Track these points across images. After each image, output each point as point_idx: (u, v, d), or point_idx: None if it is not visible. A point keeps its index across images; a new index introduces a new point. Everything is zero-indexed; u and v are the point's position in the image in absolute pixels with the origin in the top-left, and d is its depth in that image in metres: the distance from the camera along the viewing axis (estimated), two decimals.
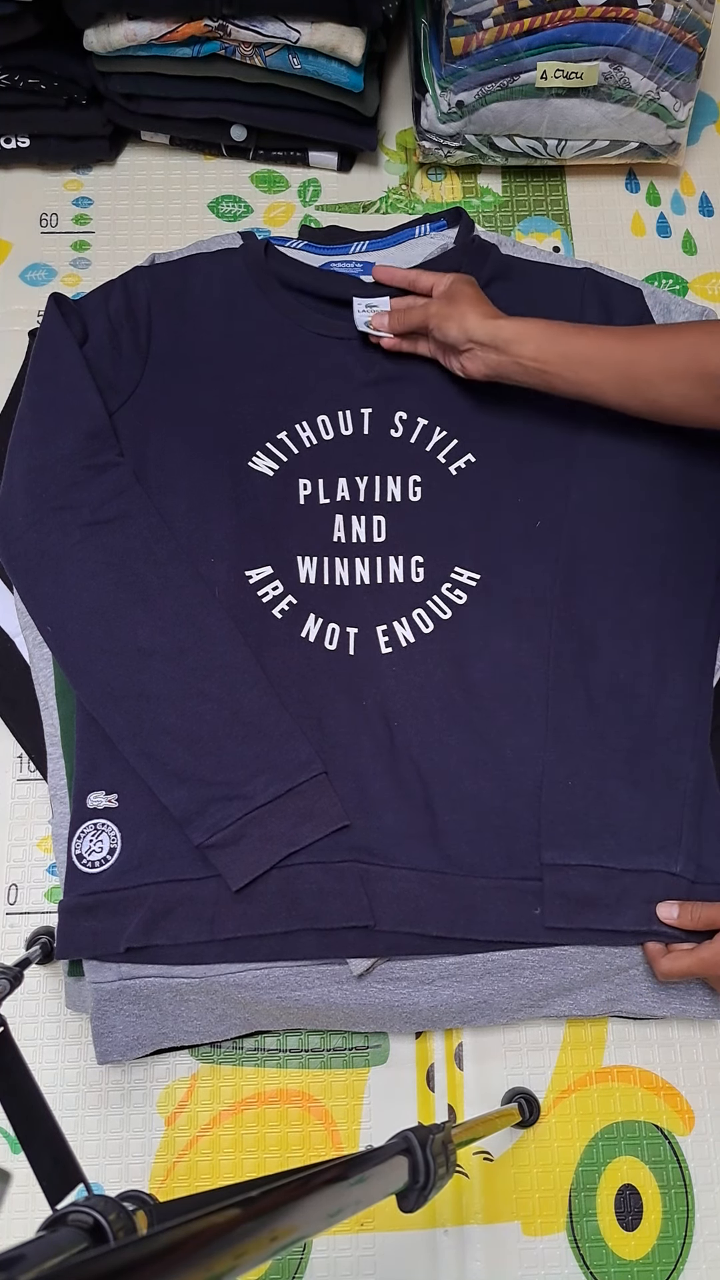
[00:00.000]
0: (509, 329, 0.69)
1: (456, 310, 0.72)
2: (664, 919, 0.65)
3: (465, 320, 0.71)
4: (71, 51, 0.86)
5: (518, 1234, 0.69)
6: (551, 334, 0.69)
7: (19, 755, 0.78)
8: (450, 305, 0.73)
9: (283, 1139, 0.70)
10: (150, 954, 0.66)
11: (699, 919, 0.64)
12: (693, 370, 0.65)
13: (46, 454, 0.72)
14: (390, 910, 0.66)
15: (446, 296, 0.74)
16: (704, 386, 0.65)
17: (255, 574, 0.74)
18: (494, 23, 0.82)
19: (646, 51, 0.83)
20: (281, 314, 0.81)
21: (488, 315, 0.71)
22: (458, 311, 0.72)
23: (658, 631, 0.72)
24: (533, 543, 0.75)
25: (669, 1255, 0.69)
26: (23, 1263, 0.28)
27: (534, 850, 0.67)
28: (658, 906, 0.65)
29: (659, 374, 0.67)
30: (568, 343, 0.69)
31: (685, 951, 0.64)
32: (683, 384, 0.66)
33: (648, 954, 0.66)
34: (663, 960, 0.65)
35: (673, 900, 0.66)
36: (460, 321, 0.71)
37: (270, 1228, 0.32)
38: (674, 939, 0.66)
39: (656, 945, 0.66)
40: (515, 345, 0.69)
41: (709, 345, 0.65)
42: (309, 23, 0.81)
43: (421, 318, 0.75)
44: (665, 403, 0.68)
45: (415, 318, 0.75)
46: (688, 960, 0.64)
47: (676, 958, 0.64)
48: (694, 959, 0.64)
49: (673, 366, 0.66)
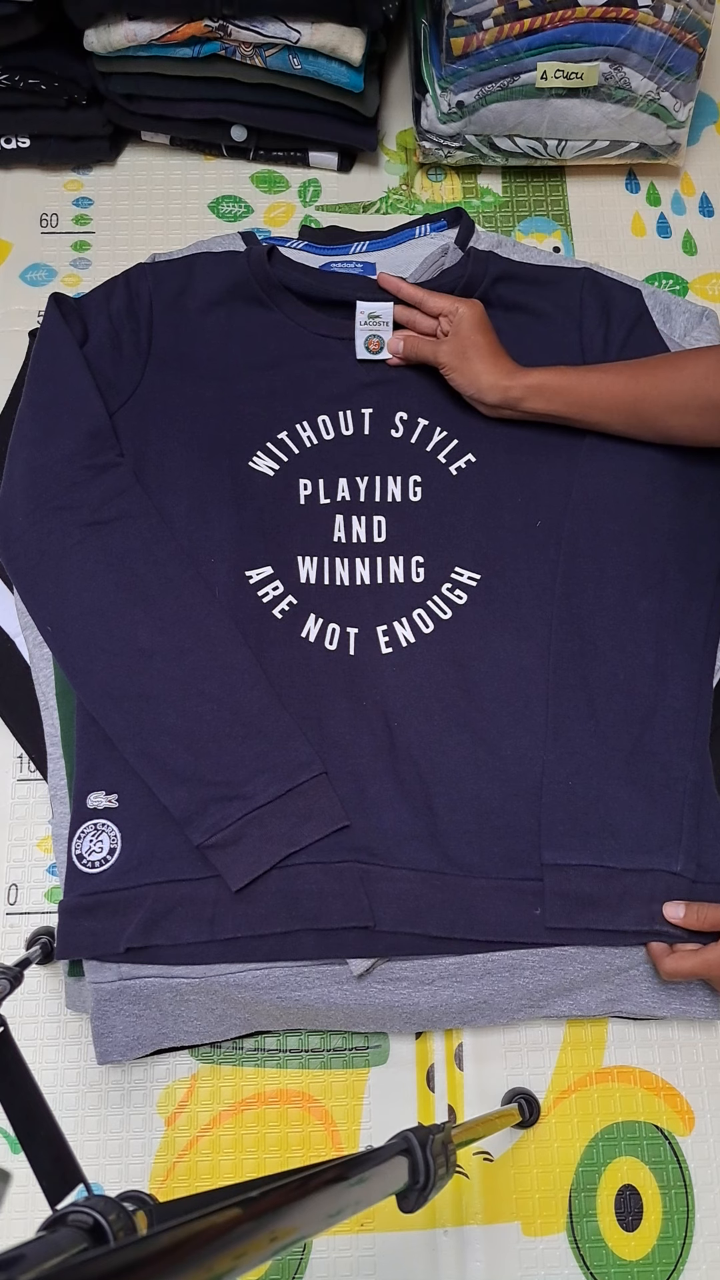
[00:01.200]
0: (518, 389, 0.73)
1: (468, 367, 0.74)
2: (670, 918, 0.65)
3: (478, 381, 0.73)
4: (72, 52, 0.86)
5: (518, 1234, 0.69)
6: (558, 385, 0.73)
7: (19, 755, 0.78)
8: (462, 359, 0.74)
9: (283, 1139, 0.70)
10: (150, 954, 0.66)
11: (705, 920, 0.65)
12: (696, 403, 0.69)
13: (47, 454, 0.72)
14: (390, 910, 0.66)
15: (457, 343, 0.74)
16: (709, 415, 0.69)
17: (255, 574, 0.74)
18: (494, 23, 0.82)
19: (647, 52, 0.83)
20: (283, 314, 0.81)
21: (499, 373, 0.73)
22: (470, 369, 0.74)
23: (658, 631, 0.72)
24: (533, 543, 0.75)
25: (669, 1256, 0.69)
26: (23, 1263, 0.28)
27: (534, 850, 0.67)
28: (664, 906, 0.65)
29: (665, 409, 0.70)
30: (575, 391, 0.72)
31: (690, 952, 0.65)
32: (689, 415, 0.70)
33: (651, 953, 0.66)
34: (667, 960, 0.65)
35: (678, 900, 0.66)
36: (473, 380, 0.74)
37: (270, 1228, 0.32)
38: (676, 939, 0.66)
39: (661, 945, 0.66)
40: (525, 403, 0.74)
41: (707, 376, 0.68)
42: (309, 23, 0.81)
43: (431, 356, 0.76)
44: (676, 433, 0.72)
45: (425, 353, 0.77)
46: (692, 961, 0.64)
47: (681, 958, 0.64)
48: (698, 960, 0.64)
49: (676, 401, 0.70)
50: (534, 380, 0.73)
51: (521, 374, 0.73)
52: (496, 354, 0.74)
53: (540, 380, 0.73)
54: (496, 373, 0.73)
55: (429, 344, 0.77)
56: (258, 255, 0.81)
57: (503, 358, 0.75)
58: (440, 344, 0.76)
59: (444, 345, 0.75)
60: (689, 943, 0.66)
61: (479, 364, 0.74)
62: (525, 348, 0.81)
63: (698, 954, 0.64)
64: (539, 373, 0.73)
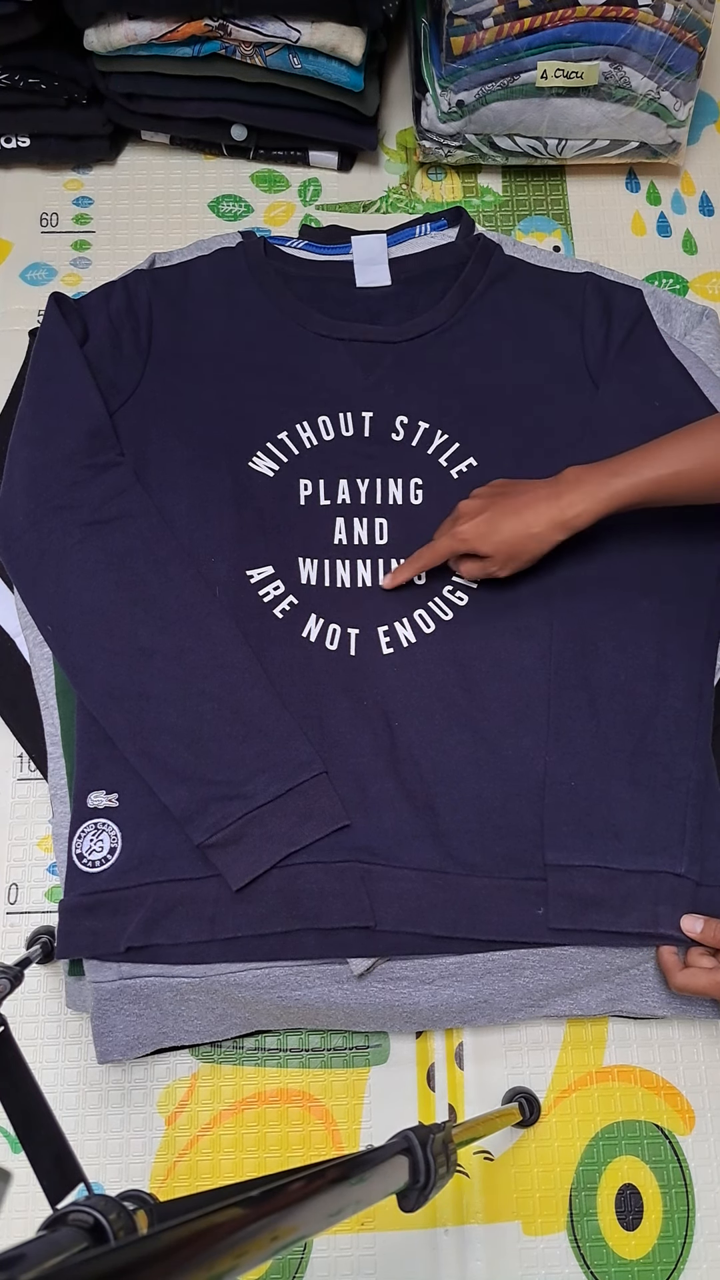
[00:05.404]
0: (583, 516, 0.64)
1: (507, 527, 0.66)
2: (687, 932, 0.65)
3: (531, 530, 0.65)
4: (72, 51, 0.86)
5: (518, 1234, 0.69)
6: (597, 497, 0.64)
7: (19, 755, 0.78)
8: (494, 527, 0.66)
9: (283, 1138, 0.70)
10: (150, 953, 0.66)
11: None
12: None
13: (47, 453, 0.72)
14: (391, 910, 0.66)
15: (484, 522, 0.66)
16: None
17: (256, 574, 0.74)
18: (494, 22, 0.82)
19: (647, 51, 0.83)
20: (283, 315, 0.81)
21: (550, 508, 0.65)
22: (511, 527, 0.65)
23: (659, 632, 0.72)
24: None
25: (669, 1255, 0.69)
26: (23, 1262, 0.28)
27: (536, 850, 0.67)
28: (682, 919, 0.65)
29: (707, 489, 0.64)
30: (616, 499, 0.64)
31: (704, 970, 0.64)
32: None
33: (663, 965, 0.66)
34: (679, 975, 0.64)
35: (696, 914, 0.65)
36: (525, 531, 0.65)
37: (271, 1227, 0.32)
38: (681, 943, 0.66)
39: (672, 957, 0.66)
40: (577, 523, 0.65)
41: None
42: (309, 22, 0.81)
43: (452, 549, 0.69)
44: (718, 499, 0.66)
45: (446, 550, 0.69)
46: (704, 980, 0.63)
47: (694, 975, 0.64)
48: (710, 980, 0.63)
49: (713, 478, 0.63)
50: (600, 500, 0.63)
51: (572, 500, 0.64)
52: (525, 494, 0.66)
53: (604, 494, 0.64)
54: (547, 509, 0.64)
55: (444, 540, 0.69)
56: (254, 245, 0.81)
57: (533, 492, 0.65)
58: (456, 531, 0.67)
59: (464, 529, 0.67)
60: (695, 948, 0.65)
61: (520, 517, 0.65)
62: (526, 348, 0.81)
63: (710, 973, 0.64)
64: (594, 484, 0.63)
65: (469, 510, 0.68)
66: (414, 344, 0.81)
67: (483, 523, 0.66)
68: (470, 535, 0.67)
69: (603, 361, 0.80)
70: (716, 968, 0.64)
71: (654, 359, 0.80)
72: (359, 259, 0.84)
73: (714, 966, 0.64)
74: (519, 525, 0.65)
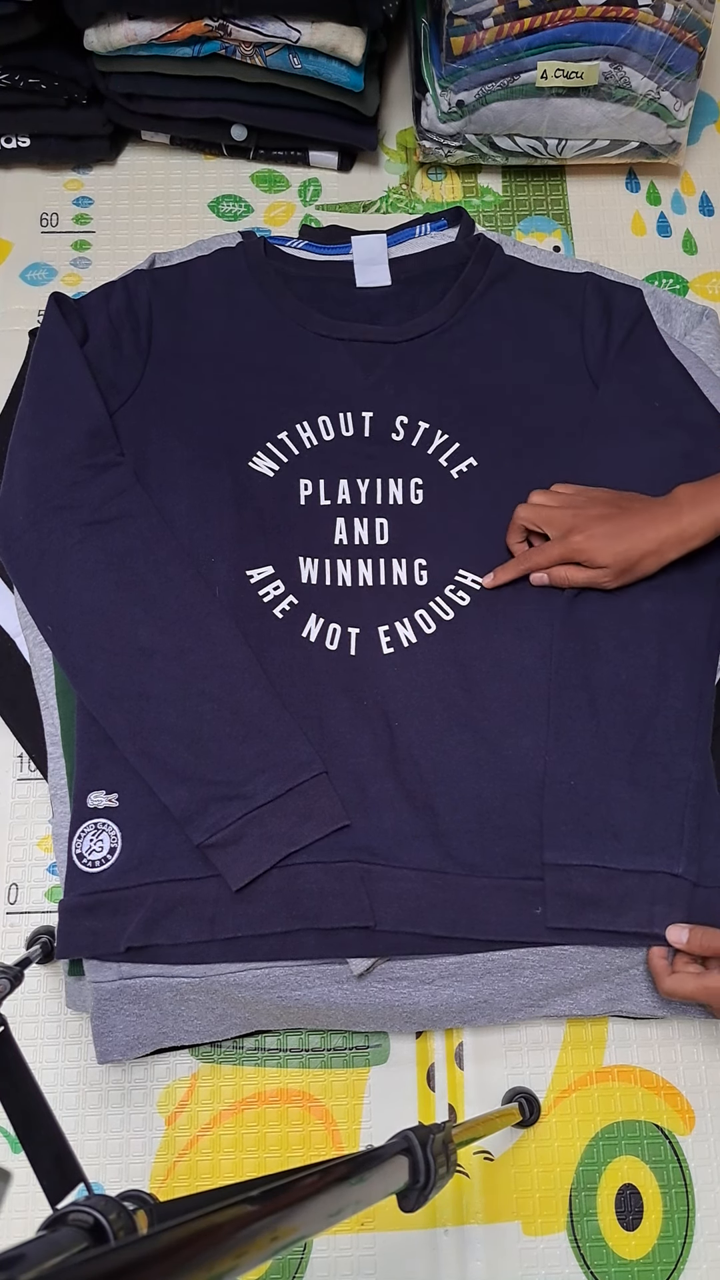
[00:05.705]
0: (691, 533, 0.67)
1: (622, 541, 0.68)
2: (674, 942, 0.64)
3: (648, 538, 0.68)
4: (72, 51, 0.86)
5: (518, 1234, 0.69)
6: (715, 517, 0.67)
7: (19, 755, 0.78)
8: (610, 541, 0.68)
9: (283, 1139, 0.70)
10: (150, 953, 0.66)
11: (708, 946, 0.64)
12: None
13: (47, 453, 0.72)
14: (391, 910, 0.66)
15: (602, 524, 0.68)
16: None
17: (256, 574, 0.73)
18: (494, 22, 0.82)
19: (647, 51, 0.83)
20: (283, 315, 0.81)
21: (658, 522, 0.68)
22: (629, 539, 0.68)
23: (659, 632, 0.72)
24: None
25: (670, 1255, 0.69)
26: (23, 1262, 0.28)
27: (535, 850, 0.67)
28: (668, 930, 0.65)
29: None
30: (688, 545, 0.68)
31: (691, 975, 0.64)
32: None
33: (652, 968, 0.66)
34: (667, 980, 0.64)
35: (683, 924, 0.65)
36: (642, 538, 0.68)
37: (271, 1228, 0.32)
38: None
39: (661, 961, 0.66)
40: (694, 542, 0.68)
41: None
42: (309, 22, 0.81)
43: (560, 555, 0.70)
44: None
45: (553, 554, 0.70)
46: (692, 985, 0.63)
47: (681, 980, 0.64)
48: (698, 986, 0.63)
49: None
50: (716, 521, 0.66)
51: (692, 520, 0.66)
52: (643, 511, 0.68)
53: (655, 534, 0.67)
54: (668, 527, 0.67)
55: (557, 546, 0.70)
56: (254, 245, 0.81)
57: (650, 510, 0.68)
58: (572, 540, 0.68)
59: (580, 540, 0.68)
60: (682, 955, 0.65)
61: (643, 534, 0.67)
62: (526, 348, 0.81)
63: (698, 978, 0.63)
64: (712, 504, 0.66)
65: (561, 521, 0.69)
66: (414, 344, 0.81)
67: (604, 535, 0.68)
68: (588, 546, 0.68)
69: (603, 361, 0.80)
70: (703, 973, 0.64)
71: (654, 359, 0.80)
72: (359, 259, 0.84)
73: (700, 972, 0.64)
74: (642, 541, 0.67)
